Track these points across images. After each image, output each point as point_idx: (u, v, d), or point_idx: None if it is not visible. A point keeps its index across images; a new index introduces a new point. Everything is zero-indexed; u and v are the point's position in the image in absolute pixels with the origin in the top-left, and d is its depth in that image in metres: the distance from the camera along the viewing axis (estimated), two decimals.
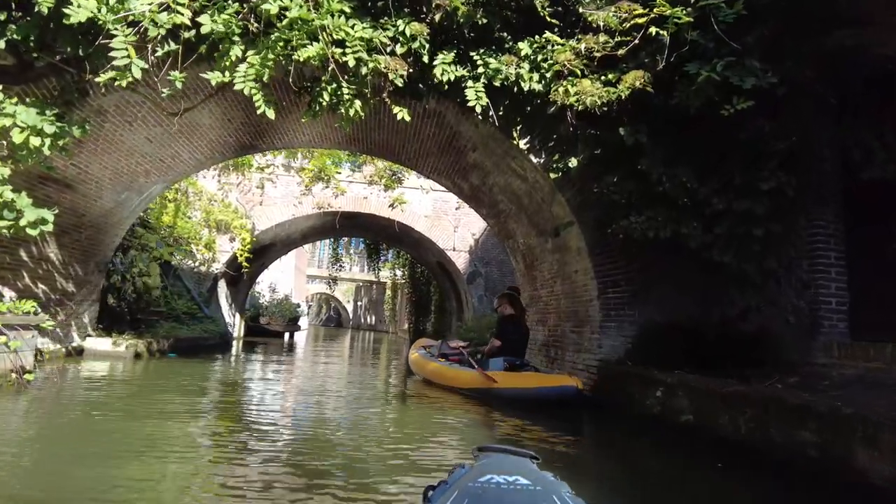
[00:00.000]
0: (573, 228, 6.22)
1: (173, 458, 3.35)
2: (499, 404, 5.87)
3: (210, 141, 8.05)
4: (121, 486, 2.78)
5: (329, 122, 7.89)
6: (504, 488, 1.30)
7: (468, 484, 1.31)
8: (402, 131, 7.57)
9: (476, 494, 1.27)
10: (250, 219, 13.88)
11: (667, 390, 4.49)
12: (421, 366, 8.14)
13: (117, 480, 2.84)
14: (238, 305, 17.09)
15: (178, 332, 10.55)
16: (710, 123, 4.92)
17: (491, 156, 6.85)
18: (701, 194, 4.91)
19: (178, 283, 13.49)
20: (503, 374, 6.24)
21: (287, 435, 4.30)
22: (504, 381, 6.13)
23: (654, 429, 4.67)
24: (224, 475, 3.08)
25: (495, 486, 1.30)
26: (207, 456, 3.50)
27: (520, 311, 7.28)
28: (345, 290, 51.64)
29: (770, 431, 3.27)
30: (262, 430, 4.41)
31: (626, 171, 5.18)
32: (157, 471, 3.07)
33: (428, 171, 8.68)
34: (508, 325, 7.05)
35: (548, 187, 6.36)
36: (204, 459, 3.42)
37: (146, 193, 8.58)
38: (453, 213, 14.70)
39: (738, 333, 5.57)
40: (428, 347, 8.93)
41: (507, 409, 5.71)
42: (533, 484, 1.32)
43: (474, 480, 1.32)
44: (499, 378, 6.18)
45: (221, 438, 4.05)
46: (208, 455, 3.53)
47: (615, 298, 6.07)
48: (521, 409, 5.59)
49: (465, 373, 6.77)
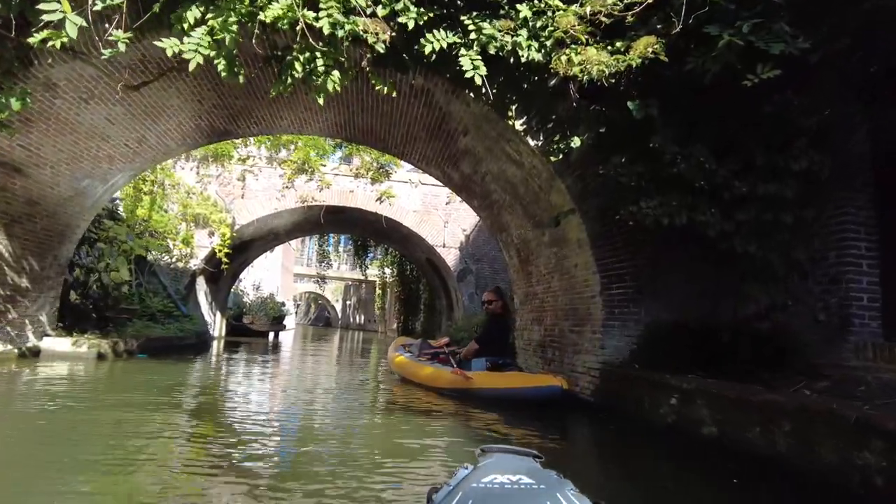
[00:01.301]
0: (574, 217, 5.68)
1: (129, 481, 2.77)
2: (489, 409, 5.49)
3: (180, 124, 7.43)
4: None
5: (309, 106, 7.31)
6: (508, 488, 1.31)
7: (472, 485, 1.32)
8: (387, 114, 7.00)
9: (480, 495, 1.28)
10: (230, 213, 13.24)
11: (683, 397, 3.95)
12: (400, 365, 7.90)
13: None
14: (219, 304, 16.43)
15: (149, 332, 9.90)
16: (730, 96, 4.41)
17: (484, 140, 6.29)
18: (719, 176, 4.38)
19: (154, 280, 12.83)
20: (486, 374, 6.11)
21: (265, 451, 3.72)
22: (486, 381, 6.00)
23: (669, 441, 4.13)
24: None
25: (499, 487, 1.31)
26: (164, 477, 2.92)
27: (504, 309, 7.12)
28: (333, 289, 50.92)
29: (818, 449, 2.75)
30: (232, 446, 3.82)
31: (636, 152, 4.64)
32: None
33: (416, 159, 8.11)
34: (495, 325, 6.89)
35: (546, 173, 5.81)
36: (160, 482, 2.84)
37: (111, 182, 7.95)
38: (443, 208, 14.14)
39: (756, 333, 5.05)
40: (407, 346, 8.72)
41: (499, 414, 5.32)
42: (536, 483, 1.33)
43: (478, 481, 1.33)
44: (480, 378, 6.04)
45: (186, 456, 3.46)
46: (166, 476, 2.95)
47: (619, 295, 5.54)
48: (515, 415, 5.27)
49: (446, 372, 6.56)
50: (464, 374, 6.23)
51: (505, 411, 5.35)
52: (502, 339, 6.92)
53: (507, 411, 5.35)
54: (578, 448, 4.55)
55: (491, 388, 5.92)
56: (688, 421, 3.90)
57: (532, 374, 6.10)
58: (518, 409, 5.46)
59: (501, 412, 5.32)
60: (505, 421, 5.10)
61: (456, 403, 5.88)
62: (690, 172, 4.45)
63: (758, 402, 3.21)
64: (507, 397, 5.71)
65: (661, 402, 4.25)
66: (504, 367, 6.30)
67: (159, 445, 3.63)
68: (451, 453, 3.93)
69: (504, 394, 5.76)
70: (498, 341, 6.80)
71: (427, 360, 7.47)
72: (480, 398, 5.85)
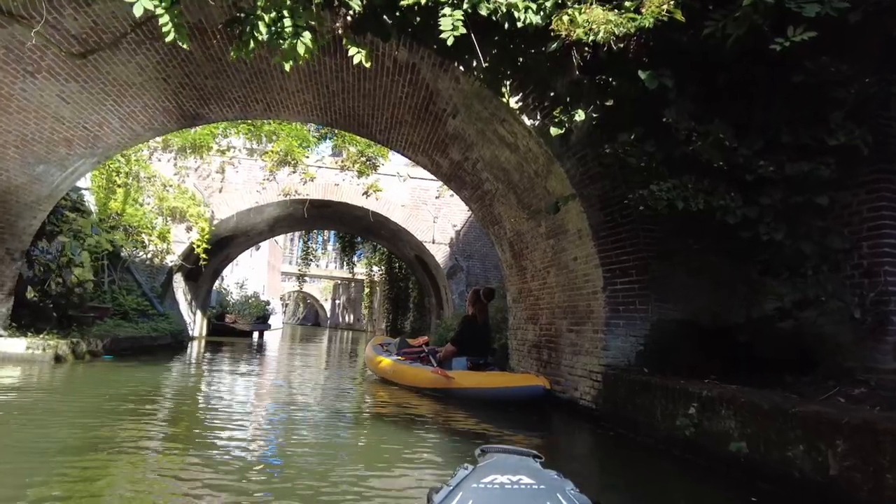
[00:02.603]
0: (574, 205, 5.15)
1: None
2: (474, 415, 5.19)
3: (145, 106, 6.82)
4: None
5: (285, 87, 6.74)
6: (508, 489, 1.32)
7: (472, 485, 1.33)
8: (369, 95, 6.43)
9: (480, 496, 1.30)
10: (209, 206, 12.61)
11: (704, 407, 3.43)
12: (378, 365, 7.73)
13: None
14: (199, 302, 15.77)
15: (117, 331, 9.27)
16: (754, 64, 3.90)
17: (475, 121, 5.74)
18: (740, 155, 3.87)
19: (128, 277, 12.18)
20: (467, 374, 6.04)
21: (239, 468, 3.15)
22: (468, 380, 5.92)
23: (686, 457, 3.60)
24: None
25: (499, 487, 1.32)
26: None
27: (480, 309, 6.99)
28: (322, 287, 50.21)
29: (888, 477, 2.23)
30: (197, 466, 3.25)
31: (647, 128, 4.12)
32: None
33: (402, 145, 7.55)
34: (472, 325, 6.81)
35: (543, 157, 5.27)
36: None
37: (71, 168, 7.32)
38: (433, 203, 13.58)
39: (777, 333, 4.55)
40: (385, 346, 8.59)
41: (488, 423, 4.91)
42: (537, 483, 1.34)
43: (478, 482, 1.35)
44: (461, 377, 5.97)
45: (140, 478, 2.89)
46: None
47: (624, 290, 5.02)
48: (507, 423, 4.95)
49: (426, 372, 6.48)
50: (444, 373, 6.14)
51: (494, 420, 5.00)
52: (482, 340, 6.81)
53: (496, 420, 5.00)
54: (580, 463, 4.02)
55: (472, 387, 5.83)
56: (710, 434, 3.38)
57: (514, 374, 6.02)
58: (508, 416, 5.20)
59: (489, 421, 4.97)
60: (496, 428, 4.75)
61: (439, 405, 5.67)
62: (708, 151, 3.95)
63: (802, 414, 2.68)
64: (488, 397, 5.62)
65: (676, 411, 3.72)
66: (485, 366, 6.23)
67: (110, 464, 3.06)
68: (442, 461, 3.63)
69: (486, 393, 5.67)
70: (477, 341, 6.70)
71: (406, 360, 7.35)
72: (462, 398, 5.76)
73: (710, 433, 3.37)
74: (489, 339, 7.12)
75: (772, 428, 2.84)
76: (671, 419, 3.78)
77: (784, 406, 2.82)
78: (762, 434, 2.92)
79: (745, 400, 3.09)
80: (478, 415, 5.25)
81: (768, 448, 2.88)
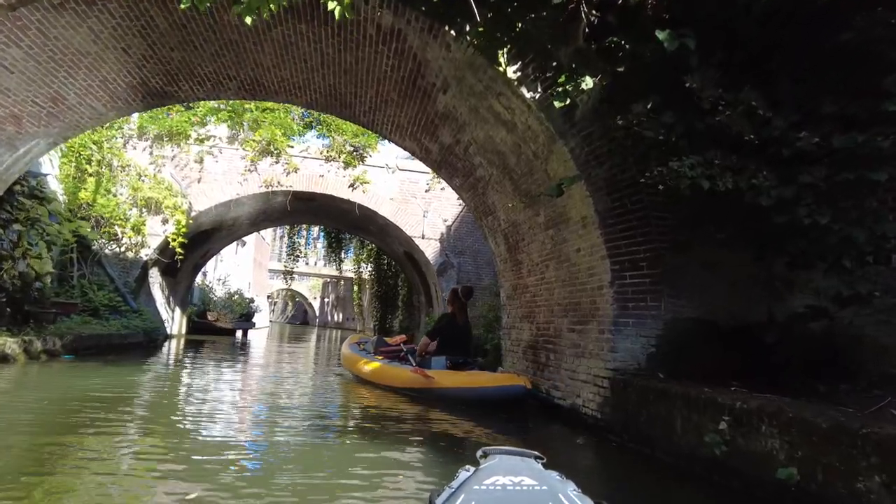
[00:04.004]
0: (579, 190, 4.59)
1: None
2: (460, 415, 5.03)
3: (105, 80, 6.20)
4: None
5: (260, 62, 6.14)
6: (510, 490, 1.32)
7: (475, 487, 1.32)
8: (351, 70, 5.85)
9: (483, 498, 1.29)
10: (186, 197, 11.94)
11: (738, 422, 2.88)
12: (354, 364, 7.49)
13: None
14: (178, 298, 15.08)
15: (81, 329, 8.60)
16: (792, 20, 3.37)
17: (467, 97, 5.18)
18: (776, 127, 3.33)
19: (100, 271, 11.50)
20: (446, 373, 5.90)
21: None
22: (447, 380, 5.78)
23: (718, 482, 3.05)
24: None
25: (501, 489, 1.32)
26: None
27: (459, 308, 6.76)
28: (311, 286, 49.48)
29: None
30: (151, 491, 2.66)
31: (665, 98, 3.57)
32: None
33: (388, 129, 6.96)
34: (452, 323, 6.65)
35: (543, 135, 4.71)
36: None
37: (24, 149, 6.67)
38: (422, 196, 12.98)
39: (808, 334, 4.02)
40: (362, 344, 8.33)
41: (477, 429, 4.53)
42: (539, 484, 1.33)
43: (480, 483, 1.34)
44: (441, 377, 5.83)
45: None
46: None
47: (634, 285, 4.46)
48: (503, 432, 4.62)
49: (405, 371, 6.30)
50: (424, 372, 5.98)
51: (486, 427, 4.69)
52: (462, 339, 6.65)
53: (488, 427, 4.70)
54: (588, 478, 3.45)
55: (452, 387, 5.68)
56: (746, 455, 2.82)
57: (494, 374, 5.84)
58: (503, 425, 4.91)
59: (481, 427, 4.69)
60: (488, 436, 4.33)
61: (420, 407, 5.45)
62: (738, 122, 3.40)
63: (877, 437, 2.14)
64: (469, 397, 5.49)
65: (702, 425, 3.17)
66: (464, 365, 6.10)
67: (57, 483, 2.47)
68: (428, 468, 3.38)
69: (466, 393, 5.53)
70: (457, 341, 6.56)
71: (384, 360, 7.10)
72: (441, 398, 5.62)
73: (746, 453, 2.81)
74: (469, 339, 6.94)
75: (834, 453, 2.30)
76: (695, 434, 3.23)
77: (850, 426, 2.27)
78: (821, 460, 2.37)
79: (793, 415, 2.54)
80: (465, 420, 4.82)
81: (830, 478, 2.33)
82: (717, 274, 4.51)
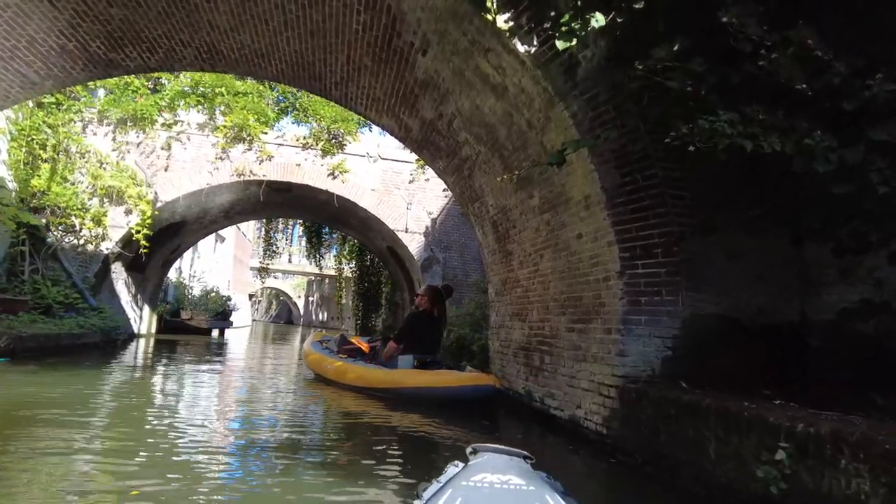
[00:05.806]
0: (581, 164, 3.88)
1: None
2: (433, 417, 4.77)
3: (33, 41, 5.40)
4: None
5: (216, 24, 5.37)
6: (498, 488, 1.31)
7: (462, 483, 1.32)
8: (319, 32, 5.10)
9: (470, 494, 1.28)
10: (151, 187, 11.09)
11: (802, 451, 2.18)
12: (317, 363, 7.19)
13: None
14: (146, 296, 14.19)
15: (24, 328, 7.76)
16: None
17: (451, 57, 4.44)
18: (836, 74, 2.64)
19: (56, 266, 10.62)
20: (414, 373, 5.78)
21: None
22: (415, 379, 5.66)
23: None
24: None
25: (488, 486, 1.31)
26: None
27: (432, 306, 6.56)
28: (295, 284, 48.47)
29: None
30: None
31: (695, 39, 2.87)
32: None
33: (364, 103, 6.21)
34: (421, 322, 6.47)
35: (540, 99, 3.99)
36: None
37: None
38: (406, 187, 12.23)
39: (856, 334, 3.35)
40: (325, 343, 7.95)
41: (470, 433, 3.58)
42: (526, 483, 1.32)
43: (468, 480, 1.33)
44: (408, 377, 5.73)
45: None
46: None
47: (647, 276, 3.76)
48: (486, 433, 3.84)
49: (371, 371, 6.13)
50: (388, 372, 5.88)
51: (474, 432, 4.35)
52: (431, 337, 6.48)
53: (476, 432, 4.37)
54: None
55: (419, 387, 5.56)
56: (817, 496, 2.12)
57: (463, 373, 5.73)
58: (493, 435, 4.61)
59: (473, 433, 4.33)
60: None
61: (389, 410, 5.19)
62: (787, 69, 2.71)
63: None
64: (437, 396, 5.39)
65: (746, 451, 2.47)
66: (432, 365, 5.96)
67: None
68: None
69: (434, 393, 5.43)
70: (426, 339, 6.37)
71: (349, 358, 6.81)
72: (409, 398, 5.50)
73: (816, 494, 2.11)
74: (440, 337, 6.80)
75: None
76: (736, 462, 2.52)
77: None
78: None
79: (889, 448, 1.84)
80: (450, 425, 4.29)
81: None
82: (742, 263, 3.83)
